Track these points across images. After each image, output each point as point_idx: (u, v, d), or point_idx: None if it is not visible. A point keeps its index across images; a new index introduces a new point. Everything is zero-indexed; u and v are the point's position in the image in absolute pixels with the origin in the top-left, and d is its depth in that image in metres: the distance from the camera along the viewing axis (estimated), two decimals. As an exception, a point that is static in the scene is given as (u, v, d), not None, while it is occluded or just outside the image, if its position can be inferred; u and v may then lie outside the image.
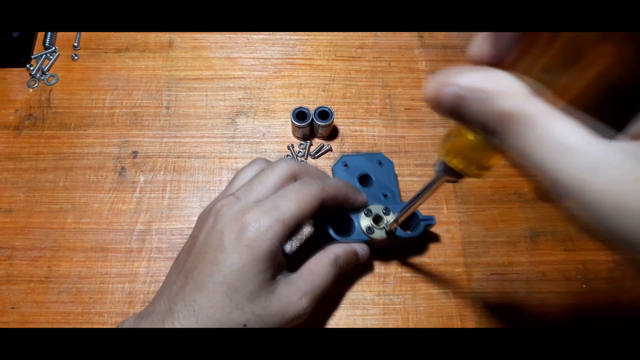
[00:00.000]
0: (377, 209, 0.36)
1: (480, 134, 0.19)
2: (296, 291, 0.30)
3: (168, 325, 0.28)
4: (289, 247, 0.38)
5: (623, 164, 0.14)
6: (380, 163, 0.39)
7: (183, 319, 0.28)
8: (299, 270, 0.32)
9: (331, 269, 0.33)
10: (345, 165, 0.39)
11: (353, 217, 0.36)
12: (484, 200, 0.41)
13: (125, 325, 0.29)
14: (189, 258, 0.30)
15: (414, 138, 0.44)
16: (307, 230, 0.39)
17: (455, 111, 0.18)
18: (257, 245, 0.28)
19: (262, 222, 0.29)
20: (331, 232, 0.35)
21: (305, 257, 0.33)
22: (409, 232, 0.37)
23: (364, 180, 0.39)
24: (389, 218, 0.35)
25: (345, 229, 0.36)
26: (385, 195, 0.38)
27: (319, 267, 0.32)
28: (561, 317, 0.37)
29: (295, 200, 0.30)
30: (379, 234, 0.35)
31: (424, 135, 0.44)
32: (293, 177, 0.32)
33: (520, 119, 0.16)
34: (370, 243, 0.36)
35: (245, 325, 0.28)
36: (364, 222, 0.35)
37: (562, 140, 0.15)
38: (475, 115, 0.17)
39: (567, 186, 0.15)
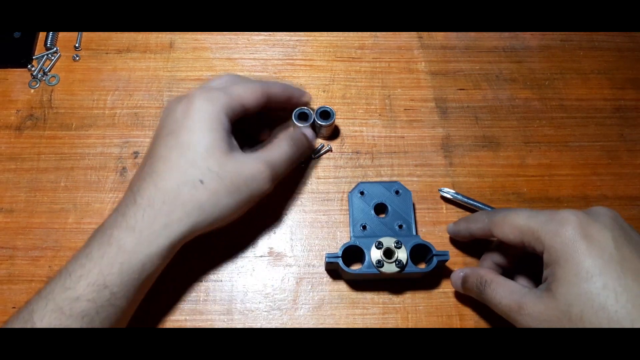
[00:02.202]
0: (388, 242, 0.35)
1: None
2: (255, 158, 0.33)
3: (130, 201, 0.30)
4: None
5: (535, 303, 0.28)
6: (397, 192, 0.39)
7: (143, 191, 0.30)
8: (254, 148, 0.36)
9: (288, 147, 0.36)
10: (362, 193, 0.38)
11: (364, 249, 0.35)
12: (483, 200, 0.41)
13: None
14: (154, 139, 0.34)
15: (414, 138, 0.44)
16: None
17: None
18: (204, 110, 0.32)
19: (210, 94, 0.33)
20: (341, 264, 0.35)
21: None
22: (421, 266, 0.36)
23: (380, 209, 0.39)
24: (400, 252, 0.35)
25: (356, 260, 0.36)
26: (400, 226, 0.37)
27: (277, 143, 0.36)
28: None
29: (243, 87, 0.35)
30: (389, 268, 0.34)
31: (423, 136, 0.44)
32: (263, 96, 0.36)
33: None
34: (380, 277, 0.35)
35: (201, 181, 0.30)
36: (375, 254, 0.35)
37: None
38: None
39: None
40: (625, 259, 0.26)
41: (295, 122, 0.41)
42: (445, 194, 0.41)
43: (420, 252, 0.36)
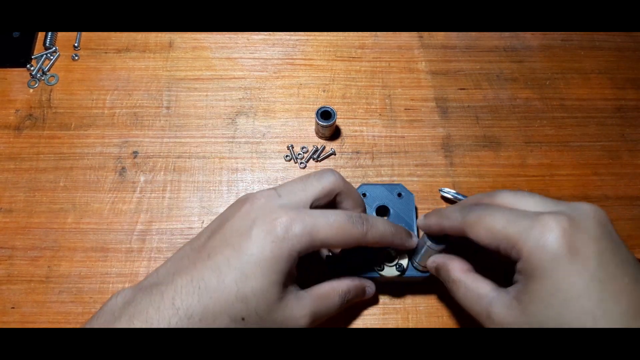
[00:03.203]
0: None
1: None
2: (302, 308, 0.30)
3: (167, 299, 0.27)
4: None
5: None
6: (400, 195, 0.38)
7: (185, 295, 0.27)
8: (310, 289, 0.32)
9: (339, 300, 0.32)
10: (364, 195, 0.38)
11: (365, 252, 0.35)
12: (483, 200, 0.41)
13: (121, 297, 0.28)
14: (214, 237, 0.29)
15: (414, 138, 0.44)
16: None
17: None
18: (281, 245, 0.28)
19: (294, 227, 0.28)
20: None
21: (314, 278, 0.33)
22: (421, 271, 0.36)
23: (382, 211, 0.38)
24: (401, 256, 0.35)
25: (357, 263, 0.36)
26: None
27: (329, 295, 0.32)
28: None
29: (334, 230, 0.29)
30: (389, 271, 0.34)
31: (423, 135, 0.44)
32: (334, 194, 0.32)
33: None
34: (379, 279, 0.35)
35: (243, 318, 0.28)
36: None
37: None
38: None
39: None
40: (608, 278, 0.24)
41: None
42: (445, 194, 0.41)
43: (420, 257, 0.36)
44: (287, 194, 0.30)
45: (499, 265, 0.30)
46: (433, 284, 0.38)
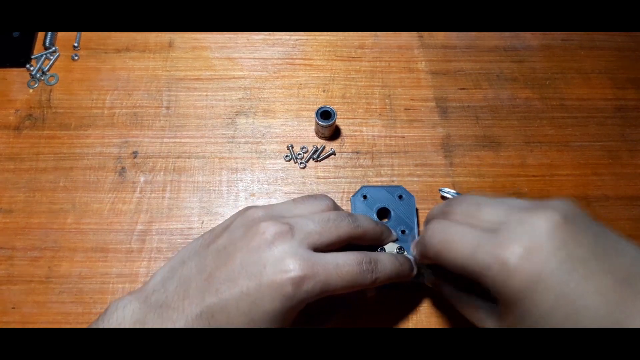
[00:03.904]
0: (391, 247, 0.35)
1: None
2: None
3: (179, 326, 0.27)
4: None
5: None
6: (400, 197, 0.38)
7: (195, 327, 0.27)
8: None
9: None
10: (365, 197, 0.38)
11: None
12: (483, 200, 0.41)
13: (128, 312, 0.28)
14: (220, 268, 0.28)
15: (414, 138, 0.44)
16: None
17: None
18: (291, 300, 0.27)
19: (306, 284, 0.27)
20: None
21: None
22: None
23: (383, 213, 0.38)
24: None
25: None
26: (403, 232, 0.37)
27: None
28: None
29: (345, 282, 0.29)
30: None
31: (423, 135, 0.44)
32: (351, 239, 0.31)
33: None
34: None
35: None
36: None
37: None
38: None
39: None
40: (579, 296, 0.24)
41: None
42: (445, 194, 0.41)
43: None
44: (302, 236, 0.29)
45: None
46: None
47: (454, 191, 0.41)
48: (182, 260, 0.30)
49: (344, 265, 0.29)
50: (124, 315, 0.28)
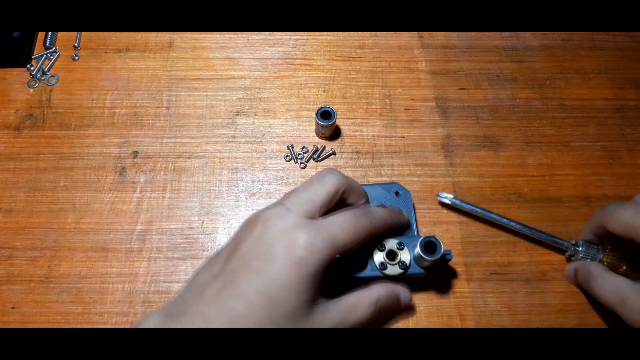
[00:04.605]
0: (391, 243, 0.34)
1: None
2: (330, 321, 0.30)
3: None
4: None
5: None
6: (397, 194, 0.38)
7: (216, 325, 0.27)
8: (338, 299, 0.31)
9: (369, 310, 0.31)
10: None
11: (366, 252, 0.34)
12: (484, 200, 0.41)
13: (150, 324, 0.28)
14: (230, 261, 0.29)
15: (414, 138, 0.44)
16: None
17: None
18: (305, 265, 0.28)
19: (315, 243, 0.28)
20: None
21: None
22: (422, 267, 0.35)
23: None
24: (403, 253, 0.34)
25: (358, 263, 0.35)
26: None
27: (358, 305, 0.31)
28: (561, 317, 0.38)
29: (348, 232, 0.30)
30: (392, 270, 0.34)
31: (423, 135, 0.44)
32: (340, 194, 0.32)
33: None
34: (384, 279, 0.35)
35: None
36: (377, 257, 0.34)
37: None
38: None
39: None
40: None
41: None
42: (443, 199, 0.40)
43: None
44: (296, 207, 0.30)
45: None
46: (433, 284, 0.38)
47: (452, 196, 0.40)
48: (197, 272, 0.31)
49: (343, 220, 0.30)
50: (146, 326, 0.28)
